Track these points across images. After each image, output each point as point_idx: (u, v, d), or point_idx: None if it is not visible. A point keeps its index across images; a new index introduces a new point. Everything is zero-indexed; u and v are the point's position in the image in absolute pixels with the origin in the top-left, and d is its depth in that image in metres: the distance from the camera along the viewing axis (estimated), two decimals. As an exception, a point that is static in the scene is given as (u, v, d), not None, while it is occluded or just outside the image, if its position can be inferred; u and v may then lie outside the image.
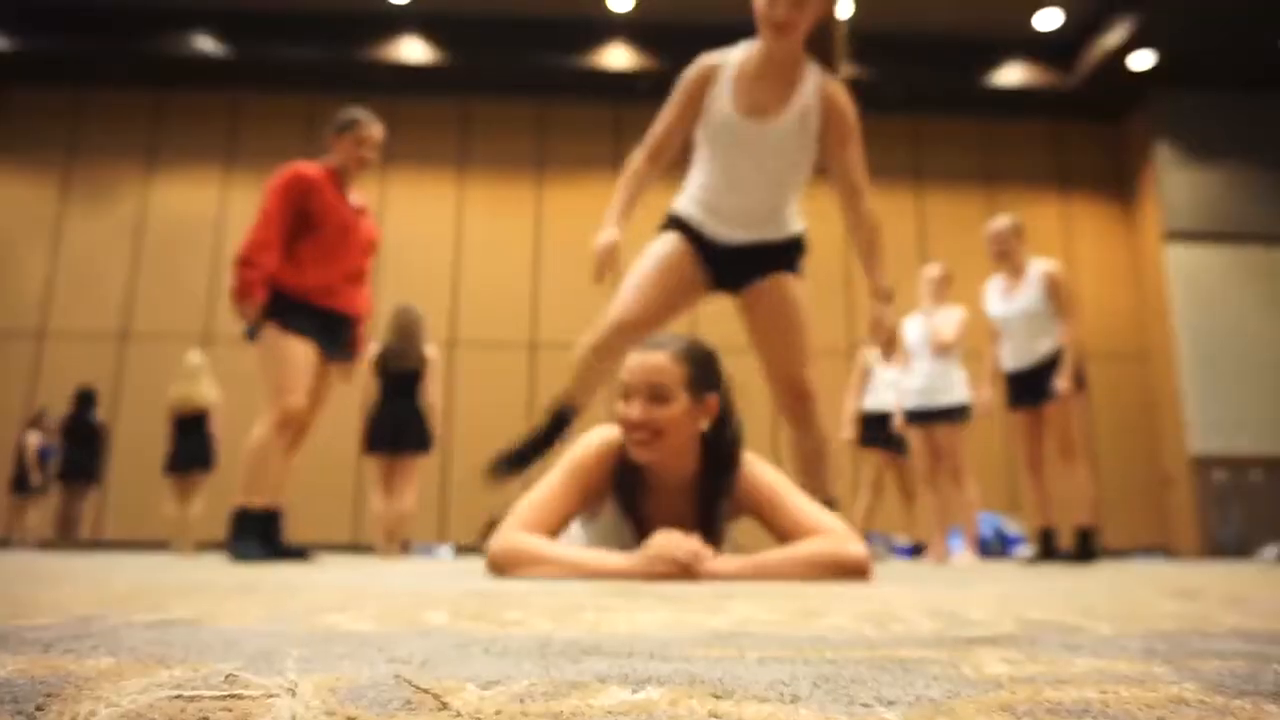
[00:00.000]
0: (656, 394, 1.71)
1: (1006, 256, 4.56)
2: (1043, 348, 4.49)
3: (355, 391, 5.93)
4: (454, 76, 10.44)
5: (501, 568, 1.69)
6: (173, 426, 7.10)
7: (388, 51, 10.13)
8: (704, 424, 1.76)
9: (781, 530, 1.76)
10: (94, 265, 10.23)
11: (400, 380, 5.80)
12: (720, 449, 1.80)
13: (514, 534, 1.72)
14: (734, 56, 2.47)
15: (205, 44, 10.06)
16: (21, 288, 10.15)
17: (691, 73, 2.48)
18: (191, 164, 10.60)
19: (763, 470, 1.84)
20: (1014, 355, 4.60)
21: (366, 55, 10.14)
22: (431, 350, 5.89)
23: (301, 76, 10.52)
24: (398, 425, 5.70)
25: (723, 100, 2.43)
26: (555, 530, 1.76)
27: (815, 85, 2.45)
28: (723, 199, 2.50)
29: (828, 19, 2.46)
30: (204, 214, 10.44)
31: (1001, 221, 4.63)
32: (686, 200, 2.57)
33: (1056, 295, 4.45)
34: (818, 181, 2.70)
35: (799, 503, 1.79)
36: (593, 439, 1.83)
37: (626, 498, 1.80)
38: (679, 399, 1.72)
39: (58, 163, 10.50)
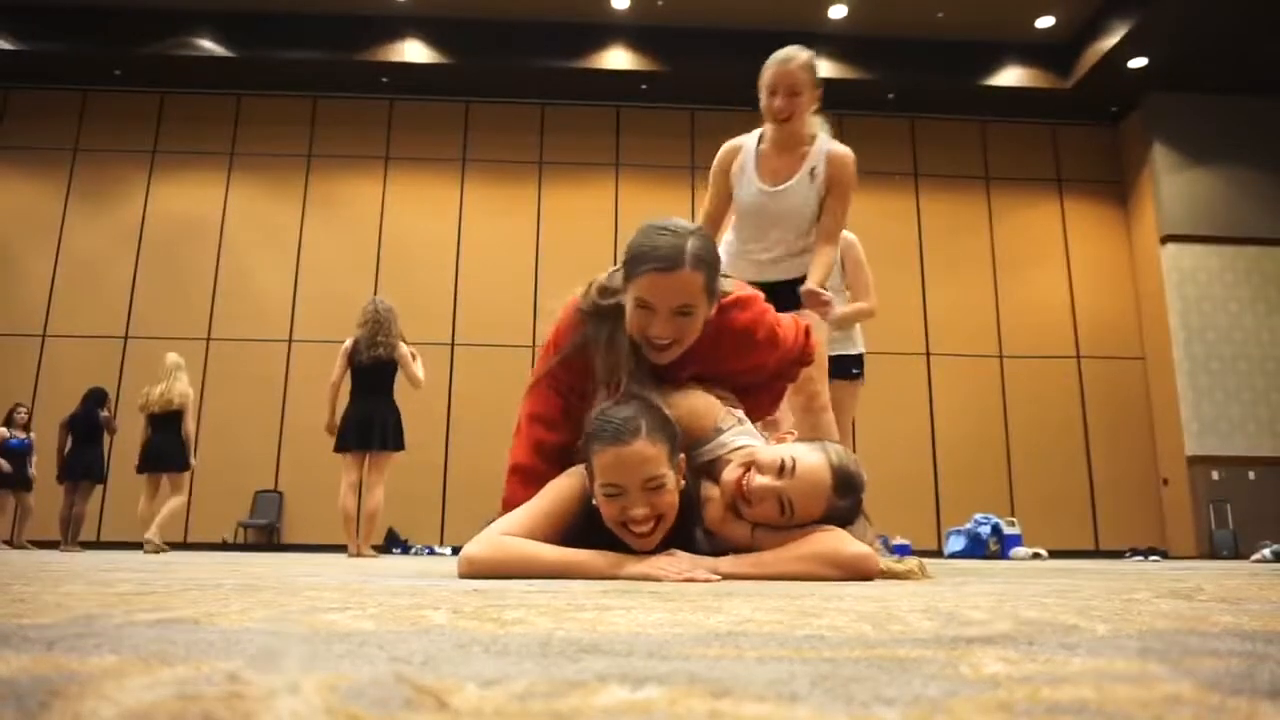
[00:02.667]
0: (653, 485, 1.63)
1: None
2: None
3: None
4: (455, 78, 10.45)
5: (486, 566, 1.63)
6: (148, 425, 7.08)
7: (389, 53, 10.14)
8: (682, 483, 1.72)
9: (779, 539, 1.74)
10: (96, 267, 10.23)
11: (372, 375, 5.78)
12: (684, 501, 1.75)
13: (497, 536, 1.69)
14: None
15: (208, 45, 10.06)
16: (24, 289, 10.15)
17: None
18: (194, 165, 10.61)
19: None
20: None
21: (368, 57, 10.15)
22: (403, 346, 5.88)
23: (303, 78, 10.52)
24: (367, 423, 5.69)
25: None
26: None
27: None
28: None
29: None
30: (206, 216, 10.45)
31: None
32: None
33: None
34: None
35: None
36: (575, 485, 1.77)
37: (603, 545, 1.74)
38: (669, 478, 1.65)
39: (61, 164, 10.51)
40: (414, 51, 10.14)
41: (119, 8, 9.92)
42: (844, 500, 1.75)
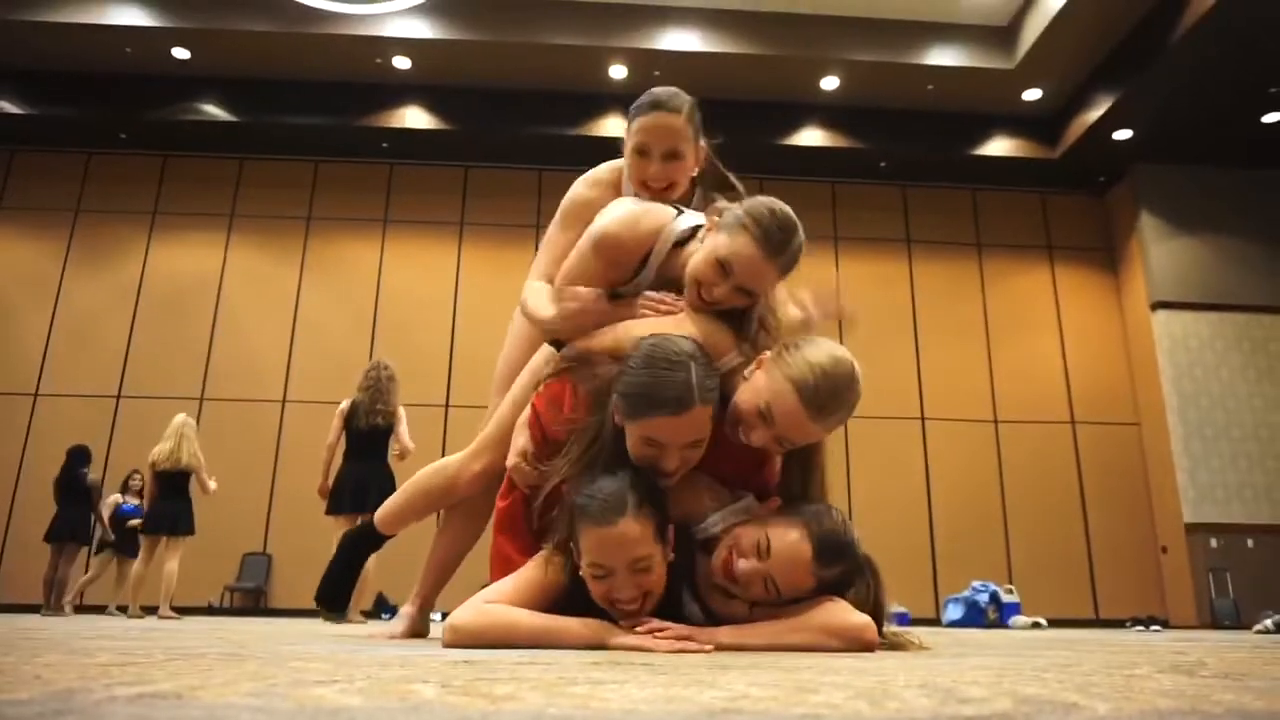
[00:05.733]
0: (638, 567, 1.59)
1: None
2: None
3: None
4: (455, 143, 10.64)
5: (472, 634, 1.60)
6: (154, 486, 6.99)
7: (391, 119, 10.34)
8: (670, 555, 1.68)
9: (778, 613, 1.71)
10: (92, 326, 10.25)
11: (369, 438, 5.78)
12: (676, 570, 1.71)
13: (483, 604, 1.66)
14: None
15: (212, 110, 10.25)
16: (19, 348, 10.15)
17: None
18: (194, 226, 10.72)
19: None
20: None
21: (370, 122, 10.34)
22: (402, 412, 5.90)
23: (306, 142, 10.71)
24: (363, 487, 5.65)
25: None
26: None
27: None
28: None
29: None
30: (204, 276, 10.52)
31: None
32: None
33: None
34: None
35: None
36: (550, 569, 1.71)
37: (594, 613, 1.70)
38: (656, 555, 1.61)
39: (63, 224, 10.61)
40: (415, 118, 10.34)
41: (127, 74, 10.13)
42: (831, 569, 1.70)
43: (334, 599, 2.53)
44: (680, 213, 2.07)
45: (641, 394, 1.65)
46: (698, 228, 2.02)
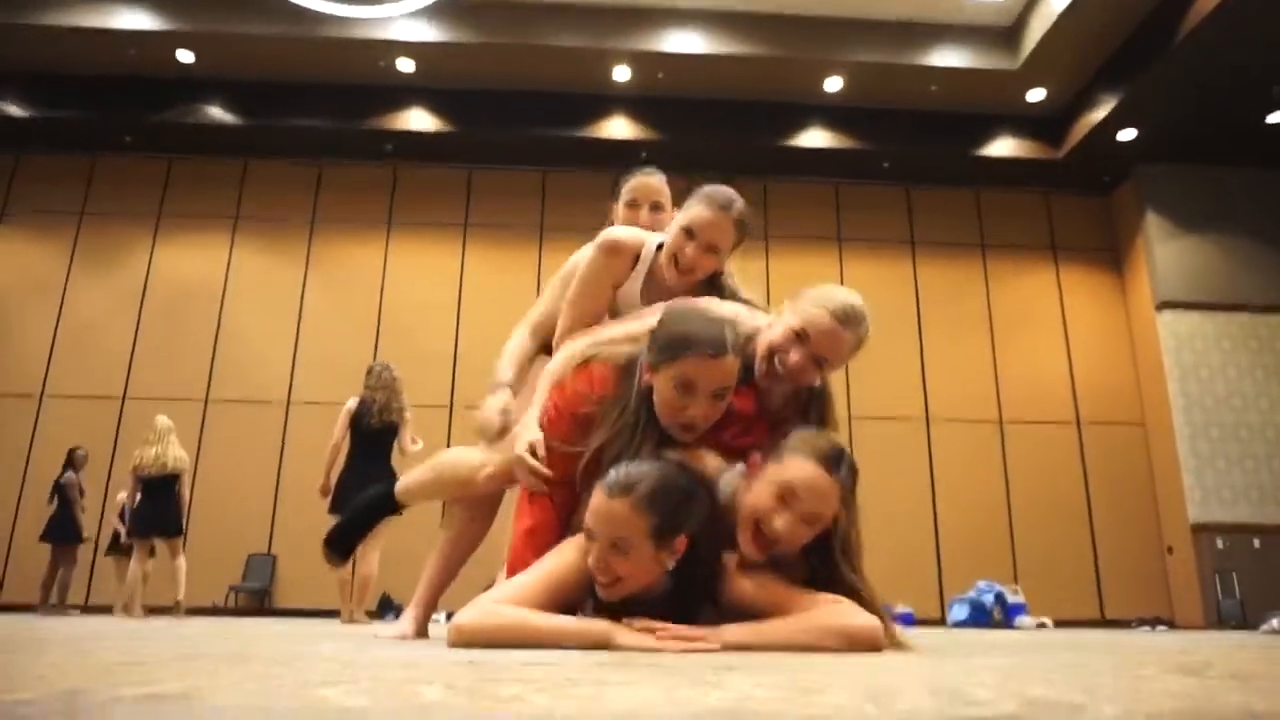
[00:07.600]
0: (615, 545, 1.63)
1: None
2: None
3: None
4: (459, 145, 10.65)
5: (477, 635, 1.60)
6: (139, 489, 7.00)
7: (394, 121, 10.35)
8: (670, 563, 1.67)
9: (787, 608, 1.71)
10: (96, 328, 10.26)
11: (377, 437, 5.85)
12: (693, 573, 1.71)
13: (489, 604, 1.66)
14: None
15: (217, 113, 10.26)
16: (23, 349, 10.16)
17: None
18: (198, 229, 10.73)
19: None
20: None
21: (373, 125, 10.35)
22: (409, 411, 6.00)
23: (310, 145, 10.72)
24: (364, 487, 5.68)
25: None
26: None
27: None
28: None
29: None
30: (208, 279, 10.53)
31: None
32: None
33: None
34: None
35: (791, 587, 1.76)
36: (575, 555, 1.73)
37: (604, 610, 1.71)
38: (640, 549, 1.63)
39: (68, 227, 10.62)
40: (419, 120, 10.34)
41: (132, 77, 10.15)
42: (843, 473, 1.78)
43: (341, 548, 2.71)
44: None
45: (681, 336, 1.81)
46: None
